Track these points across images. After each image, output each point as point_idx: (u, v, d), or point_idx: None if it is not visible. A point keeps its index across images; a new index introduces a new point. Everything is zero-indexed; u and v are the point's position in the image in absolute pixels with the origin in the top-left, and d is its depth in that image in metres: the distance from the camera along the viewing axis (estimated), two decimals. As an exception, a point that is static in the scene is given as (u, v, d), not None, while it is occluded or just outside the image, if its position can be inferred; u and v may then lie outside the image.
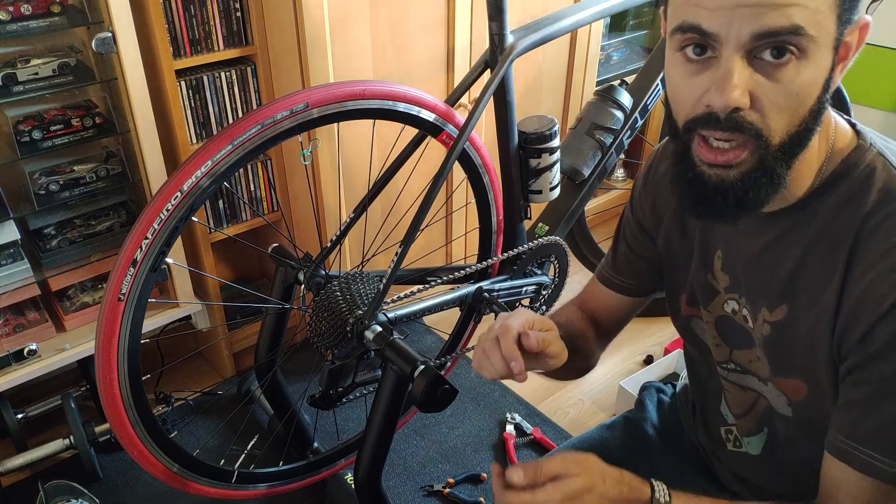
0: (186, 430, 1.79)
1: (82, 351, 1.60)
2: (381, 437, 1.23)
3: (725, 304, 0.89)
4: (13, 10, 1.33)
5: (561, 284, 1.66)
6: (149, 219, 1.08)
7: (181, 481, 1.28)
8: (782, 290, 0.80)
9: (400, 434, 1.77)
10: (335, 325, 1.23)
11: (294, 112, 1.16)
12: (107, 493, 1.61)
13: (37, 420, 1.76)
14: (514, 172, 1.48)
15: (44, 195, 1.50)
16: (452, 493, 1.62)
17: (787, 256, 0.79)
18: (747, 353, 0.89)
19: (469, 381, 1.95)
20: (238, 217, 1.83)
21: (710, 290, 0.91)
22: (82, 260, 1.59)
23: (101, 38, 1.38)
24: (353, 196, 1.78)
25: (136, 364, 1.14)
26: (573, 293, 1.24)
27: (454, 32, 1.77)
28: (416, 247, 1.87)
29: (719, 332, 0.91)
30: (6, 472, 1.60)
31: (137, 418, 1.18)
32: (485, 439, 1.78)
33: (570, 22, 1.43)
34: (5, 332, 1.53)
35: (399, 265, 1.23)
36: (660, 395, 1.18)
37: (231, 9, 1.60)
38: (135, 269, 1.09)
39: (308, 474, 1.54)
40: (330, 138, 1.66)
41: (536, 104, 2.11)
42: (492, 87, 1.34)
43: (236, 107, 1.70)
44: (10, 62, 1.39)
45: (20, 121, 1.44)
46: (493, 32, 1.35)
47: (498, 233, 1.57)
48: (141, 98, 1.47)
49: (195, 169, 1.10)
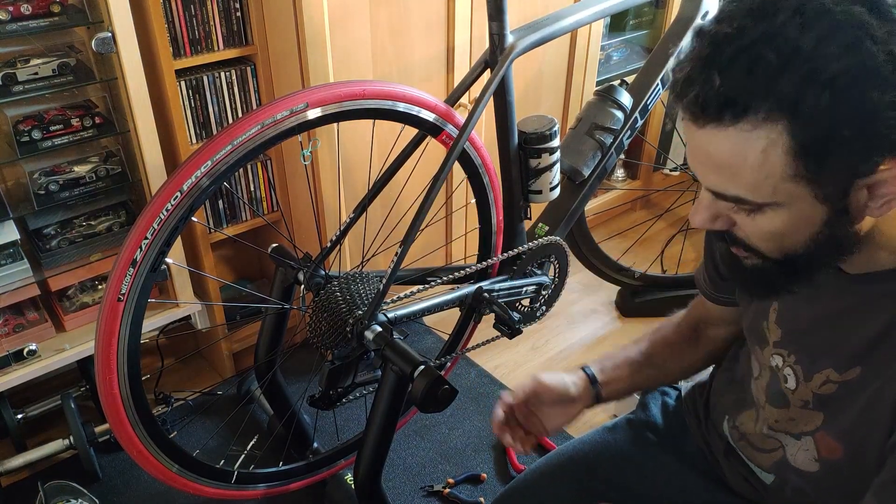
0: (186, 430, 1.79)
1: (82, 351, 1.60)
2: (381, 438, 1.22)
3: (772, 357, 0.87)
4: (13, 9, 1.33)
5: (561, 285, 1.66)
6: (148, 219, 1.08)
7: (181, 481, 1.28)
8: (859, 354, 0.76)
9: (400, 434, 1.77)
10: (335, 326, 1.23)
11: (294, 112, 1.16)
12: (107, 493, 1.61)
13: (37, 420, 1.75)
14: (514, 172, 1.48)
15: (43, 195, 1.50)
16: (452, 493, 1.62)
17: (873, 321, 0.74)
18: (779, 412, 0.87)
19: (469, 382, 1.95)
20: (238, 217, 1.83)
21: (761, 337, 0.89)
22: (82, 260, 1.59)
23: (101, 38, 1.38)
24: (353, 196, 1.78)
25: (135, 364, 1.14)
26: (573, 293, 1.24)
27: (454, 32, 1.77)
28: (416, 247, 1.87)
29: (767, 384, 0.90)
30: (6, 472, 1.60)
31: (137, 418, 1.18)
32: (485, 439, 1.78)
33: (570, 22, 1.43)
34: (5, 332, 1.53)
35: (399, 265, 1.23)
36: (664, 398, 1.15)
37: (231, 9, 1.60)
38: (134, 270, 1.09)
39: (308, 474, 1.54)
40: (330, 138, 1.66)
41: (536, 104, 2.11)
42: (492, 87, 1.33)
43: (236, 107, 1.70)
44: (10, 62, 1.39)
45: (20, 121, 1.44)
46: (493, 32, 1.35)
47: (498, 233, 1.56)
48: (141, 98, 1.47)
49: (195, 169, 1.10)
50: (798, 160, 0.61)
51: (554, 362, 2.04)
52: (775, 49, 0.58)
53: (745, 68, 0.59)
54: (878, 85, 0.57)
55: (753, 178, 0.63)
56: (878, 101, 0.57)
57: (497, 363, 2.03)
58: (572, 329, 2.16)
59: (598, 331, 2.15)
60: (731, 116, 0.61)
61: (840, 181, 0.63)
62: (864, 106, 0.57)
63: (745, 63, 0.59)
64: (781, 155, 0.61)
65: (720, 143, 0.63)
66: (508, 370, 2.01)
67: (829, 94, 0.57)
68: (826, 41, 0.57)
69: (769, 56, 0.58)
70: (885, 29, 0.57)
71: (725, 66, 0.60)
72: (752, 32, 0.59)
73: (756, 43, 0.59)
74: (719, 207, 0.70)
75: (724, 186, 0.66)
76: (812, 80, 0.57)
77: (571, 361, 2.04)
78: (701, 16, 1.65)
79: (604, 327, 2.16)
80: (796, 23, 0.58)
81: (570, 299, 2.25)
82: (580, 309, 2.22)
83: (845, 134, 0.59)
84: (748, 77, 0.59)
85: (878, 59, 0.57)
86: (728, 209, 0.70)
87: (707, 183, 0.68)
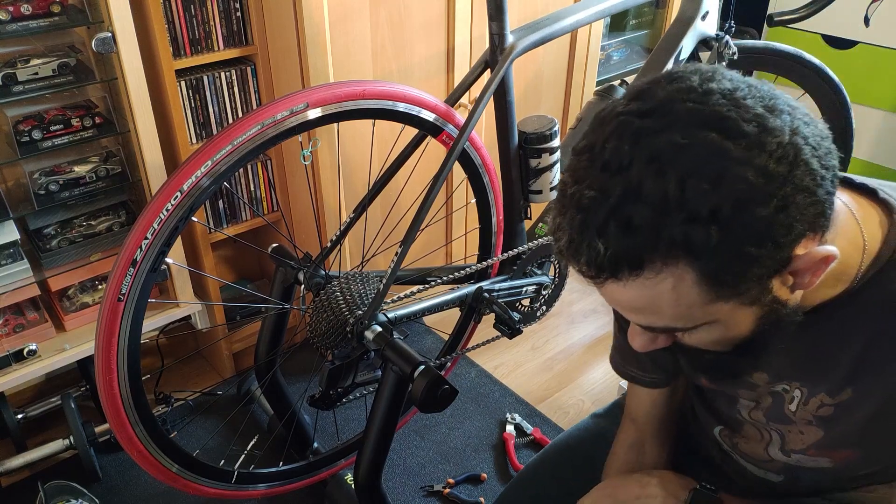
0: (186, 430, 1.79)
1: (82, 351, 1.60)
2: (381, 438, 1.22)
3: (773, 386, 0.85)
4: (13, 10, 1.33)
5: (561, 284, 1.66)
6: (149, 219, 1.08)
7: (181, 481, 1.28)
8: (846, 377, 0.76)
9: (400, 434, 1.77)
10: (335, 326, 1.23)
11: (294, 112, 1.16)
12: (107, 493, 1.61)
13: (37, 420, 1.76)
14: (514, 172, 1.48)
15: (44, 195, 1.50)
16: (452, 493, 1.62)
17: (848, 346, 0.74)
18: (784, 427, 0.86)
19: (469, 382, 1.95)
20: (238, 217, 1.83)
21: (746, 384, 0.86)
22: (82, 260, 1.59)
23: (101, 38, 1.38)
24: (353, 196, 1.78)
25: (135, 364, 1.14)
26: (573, 293, 1.24)
27: (454, 32, 1.77)
28: (416, 247, 1.87)
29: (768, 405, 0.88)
30: (6, 472, 1.60)
31: (137, 418, 1.18)
32: (485, 439, 1.78)
33: (570, 22, 1.43)
34: (5, 332, 1.53)
35: (399, 265, 1.23)
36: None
37: (231, 9, 1.60)
38: (135, 270, 1.09)
39: (308, 474, 1.54)
40: (330, 138, 1.66)
41: (536, 104, 2.11)
42: (492, 86, 1.33)
43: (236, 107, 1.70)
44: (10, 62, 1.39)
45: (20, 121, 1.44)
46: (493, 32, 1.35)
47: (498, 233, 1.56)
48: (141, 98, 1.47)
49: (195, 169, 1.10)
50: (710, 286, 0.60)
51: (554, 362, 2.04)
52: (643, 203, 0.56)
53: (623, 229, 0.57)
54: (760, 202, 0.56)
55: (674, 312, 0.63)
56: (766, 214, 0.56)
57: (497, 363, 2.03)
58: (572, 329, 2.16)
59: (598, 331, 2.15)
60: (629, 272, 0.59)
61: (760, 285, 0.62)
62: (755, 225, 0.56)
63: (621, 224, 0.57)
64: (692, 287, 0.60)
65: (628, 293, 0.62)
66: (508, 370, 2.01)
67: (716, 227, 0.56)
68: (691, 180, 0.55)
69: (641, 211, 0.56)
70: (741, 147, 0.55)
71: (602, 231, 0.58)
72: (615, 192, 0.57)
73: (623, 202, 0.57)
74: (655, 332, 0.70)
75: (649, 322, 0.66)
76: (693, 221, 0.56)
77: (571, 361, 2.04)
78: (701, 16, 1.65)
79: (604, 327, 2.16)
80: (653, 171, 0.56)
81: (570, 299, 2.25)
82: (580, 309, 2.23)
83: (751, 252, 0.57)
84: (630, 237, 0.57)
85: (748, 179, 0.55)
86: (664, 333, 0.70)
87: (632, 319, 0.68)
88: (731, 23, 1.68)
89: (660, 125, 0.57)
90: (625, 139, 0.58)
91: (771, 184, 0.56)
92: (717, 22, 1.70)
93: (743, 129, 0.56)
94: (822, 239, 0.62)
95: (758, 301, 0.64)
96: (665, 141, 0.56)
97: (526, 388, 1.93)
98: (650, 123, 0.58)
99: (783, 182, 0.56)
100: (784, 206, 0.57)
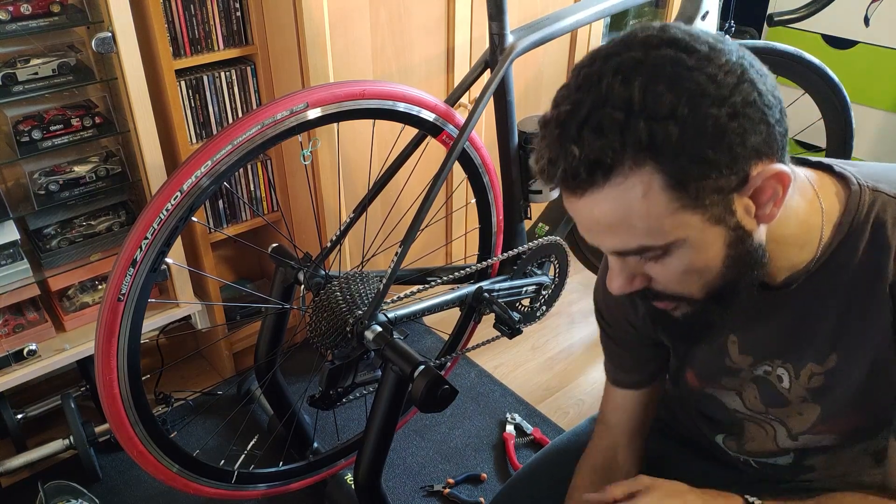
0: (186, 430, 1.79)
1: (82, 351, 1.60)
2: (381, 438, 1.22)
3: (755, 369, 0.88)
4: (13, 9, 1.33)
5: (561, 284, 1.66)
6: (148, 219, 1.08)
7: (181, 481, 1.28)
8: (829, 343, 0.81)
9: (400, 434, 1.77)
10: (335, 326, 1.23)
11: (294, 112, 1.16)
12: (107, 493, 1.61)
13: (37, 420, 1.75)
14: (514, 172, 1.48)
15: (43, 195, 1.50)
16: (452, 493, 1.62)
17: (824, 314, 0.80)
18: (781, 411, 0.89)
19: (469, 382, 1.95)
20: (238, 217, 1.83)
21: (728, 371, 0.90)
22: (82, 260, 1.59)
23: (100, 38, 1.38)
24: (353, 196, 1.78)
25: (135, 364, 1.14)
26: (573, 293, 1.24)
27: (454, 32, 1.77)
28: (416, 247, 1.87)
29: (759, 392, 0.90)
30: (6, 472, 1.60)
31: (137, 418, 1.18)
32: (485, 439, 1.78)
33: (570, 22, 1.43)
34: (5, 332, 1.53)
35: (399, 265, 1.23)
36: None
37: (231, 9, 1.60)
38: (135, 270, 1.09)
39: (308, 474, 1.54)
40: (330, 138, 1.66)
41: (536, 104, 2.11)
42: (492, 86, 1.33)
43: (236, 107, 1.70)
44: (10, 62, 1.39)
45: (20, 121, 1.44)
46: (493, 32, 1.35)
47: (498, 233, 1.56)
48: (141, 98, 1.47)
49: (195, 169, 1.10)
50: (676, 191, 0.65)
51: (554, 362, 2.04)
52: (612, 108, 0.63)
53: (595, 133, 0.64)
54: (711, 103, 0.63)
55: (646, 224, 0.67)
56: (718, 115, 0.63)
57: (497, 363, 2.03)
58: (572, 329, 2.16)
59: (598, 331, 2.14)
60: (602, 175, 0.65)
61: (722, 200, 0.67)
62: (709, 123, 0.63)
63: (594, 129, 0.64)
64: (660, 192, 0.65)
65: (602, 204, 0.67)
66: (508, 370, 2.01)
67: (675, 124, 0.62)
68: (651, 85, 0.63)
69: (611, 115, 0.63)
70: (694, 58, 0.64)
71: (577, 137, 0.65)
72: (587, 103, 0.65)
73: (595, 109, 0.64)
74: (630, 266, 0.74)
75: (623, 243, 0.70)
76: (655, 119, 0.63)
77: (571, 361, 2.04)
78: (701, 15, 1.65)
79: (604, 327, 2.16)
80: (619, 81, 0.64)
81: (570, 299, 2.24)
82: (580, 309, 2.22)
83: (708, 155, 0.64)
84: (601, 139, 0.64)
85: (700, 83, 0.63)
86: (639, 265, 0.73)
87: (608, 247, 0.73)
88: (731, 22, 1.69)
89: (624, 48, 0.66)
90: (595, 63, 0.67)
91: (721, 89, 0.63)
92: (717, 22, 1.70)
93: (695, 46, 0.64)
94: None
95: (723, 221, 0.68)
96: (628, 57, 0.65)
97: (526, 388, 1.93)
98: (616, 48, 0.67)
99: (732, 91, 0.64)
100: (734, 114, 0.63)
